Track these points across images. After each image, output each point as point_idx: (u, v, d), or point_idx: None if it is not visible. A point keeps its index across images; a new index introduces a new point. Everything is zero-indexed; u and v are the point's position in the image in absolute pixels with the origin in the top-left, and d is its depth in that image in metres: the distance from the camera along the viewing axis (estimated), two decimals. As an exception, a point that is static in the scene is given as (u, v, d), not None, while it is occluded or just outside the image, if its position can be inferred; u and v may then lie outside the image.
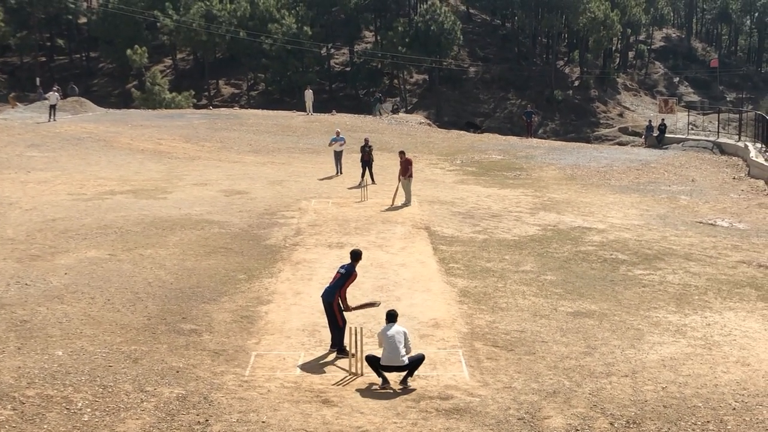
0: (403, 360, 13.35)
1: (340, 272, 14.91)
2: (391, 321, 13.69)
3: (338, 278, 14.81)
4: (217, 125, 48.84)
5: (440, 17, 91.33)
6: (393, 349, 13.34)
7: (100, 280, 18.33)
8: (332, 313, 14.66)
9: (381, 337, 13.55)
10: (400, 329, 13.60)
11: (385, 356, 13.39)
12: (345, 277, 14.80)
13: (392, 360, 13.36)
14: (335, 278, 14.90)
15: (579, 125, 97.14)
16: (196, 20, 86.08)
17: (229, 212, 25.71)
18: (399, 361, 13.35)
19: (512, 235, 23.81)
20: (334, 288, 14.75)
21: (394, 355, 13.33)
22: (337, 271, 15.05)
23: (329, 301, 14.69)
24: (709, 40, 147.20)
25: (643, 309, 17.34)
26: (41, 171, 32.67)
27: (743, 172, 37.26)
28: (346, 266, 15.02)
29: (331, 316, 14.70)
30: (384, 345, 13.44)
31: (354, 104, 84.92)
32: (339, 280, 14.77)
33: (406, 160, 28.35)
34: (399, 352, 13.33)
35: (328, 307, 14.72)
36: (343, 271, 14.87)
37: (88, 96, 67.96)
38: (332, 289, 14.75)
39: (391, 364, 13.39)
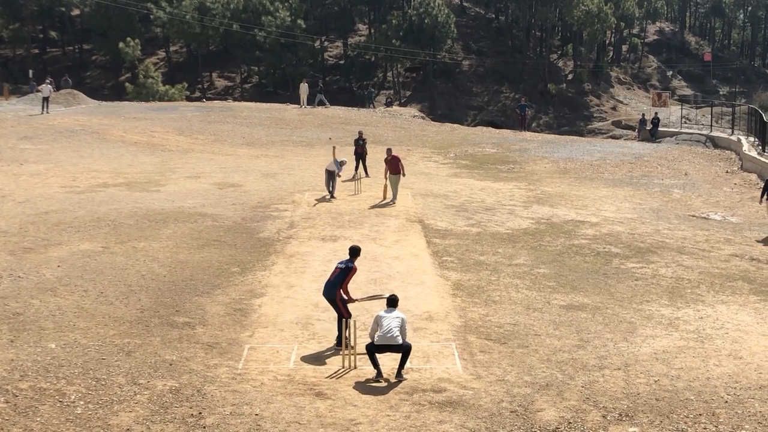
0: (397, 339, 13.35)
1: (339, 267, 14.87)
2: (392, 306, 13.72)
3: (338, 274, 14.78)
4: (211, 118, 48.75)
5: (434, 10, 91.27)
6: (388, 330, 13.36)
7: (93, 272, 18.31)
8: (337, 308, 14.70)
9: (378, 319, 13.53)
10: (399, 315, 13.63)
11: (380, 336, 13.40)
12: (344, 272, 14.76)
13: (387, 339, 13.35)
14: (334, 274, 14.86)
15: (572, 119, 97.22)
16: (190, 12, 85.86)
17: (222, 205, 25.69)
18: (393, 340, 13.34)
19: (505, 229, 23.84)
20: (334, 284, 14.72)
21: (389, 335, 13.35)
22: (336, 267, 15.02)
23: (331, 297, 14.72)
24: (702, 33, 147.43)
25: (636, 302, 17.38)
26: (34, 163, 32.60)
27: (736, 166, 37.31)
28: (345, 262, 14.98)
29: (337, 310, 14.76)
30: (380, 325, 13.43)
31: (348, 97, 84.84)
32: (338, 276, 14.73)
33: (394, 157, 27.40)
34: (393, 333, 13.35)
35: (331, 303, 14.79)
36: (343, 266, 14.84)
37: (81, 88, 67.79)
38: (332, 286, 14.73)
39: (385, 344, 13.39)
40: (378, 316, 13.61)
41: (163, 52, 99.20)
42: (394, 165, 27.13)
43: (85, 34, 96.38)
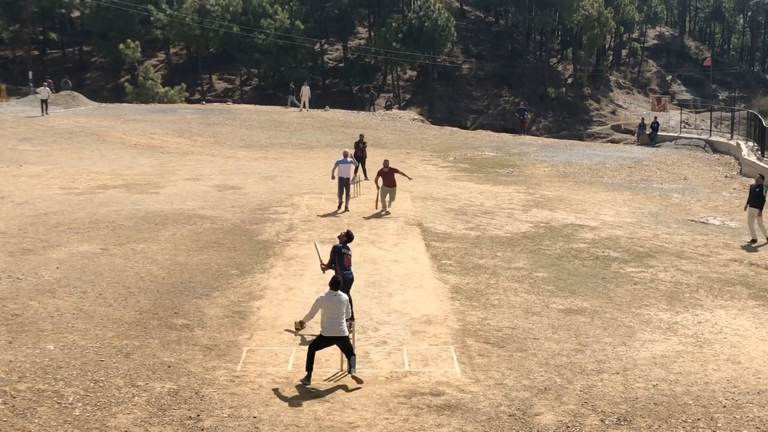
0: (343, 330, 13.36)
1: (350, 253, 16.38)
2: (335, 288, 13.65)
3: (351, 257, 16.36)
4: (210, 120, 48.77)
5: (434, 14, 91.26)
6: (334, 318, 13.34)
7: (92, 274, 18.31)
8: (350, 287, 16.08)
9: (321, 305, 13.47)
10: (343, 297, 13.63)
11: (328, 327, 13.36)
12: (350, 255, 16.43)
13: (333, 330, 13.32)
14: (349, 259, 16.26)
15: (572, 123, 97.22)
16: (190, 15, 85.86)
17: (221, 207, 25.69)
18: (339, 332, 13.34)
19: (505, 232, 23.84)
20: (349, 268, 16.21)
21: (336, 326, 13.33)
22: (346, 254, 16.23)
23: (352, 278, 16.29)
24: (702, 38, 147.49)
25: (635, 306, 17.38)
26: (33, 165, 32.59)
27: (735, 171, 37.35)
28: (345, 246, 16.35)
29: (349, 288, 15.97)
30: (325, 314, 13.38)
31: (347, 100, 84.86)
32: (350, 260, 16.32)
33: (391, 169, 26.09)
34: (340, 322, 13.34)
35: (350, 284, 16.07)
36: (349, 252, 16.37)
37: (81, 90, 67.78)
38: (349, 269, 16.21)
39: (332, 335, 13.33)
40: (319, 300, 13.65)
41: (163, 54, 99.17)
42: (390, 177, 26.00)
43: (85, 35, 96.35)
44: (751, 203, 23.75)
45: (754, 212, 23.68)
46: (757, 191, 23.77)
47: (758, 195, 23.67)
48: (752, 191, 23.99)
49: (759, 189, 23.77)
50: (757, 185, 23.96)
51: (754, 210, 23.66)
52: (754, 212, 23.67)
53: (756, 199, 23.65)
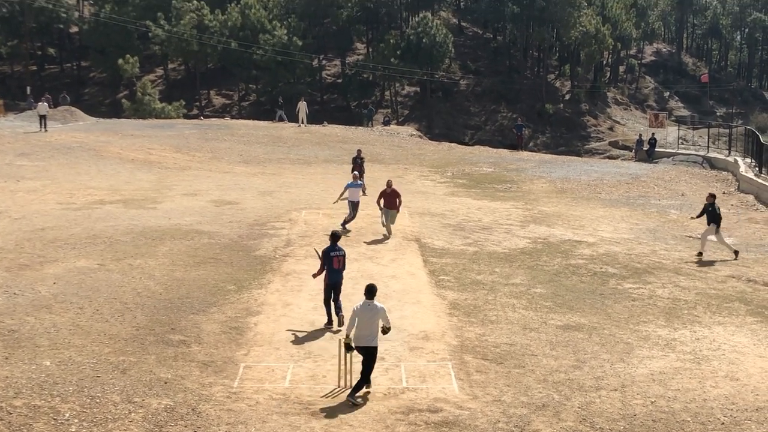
0: (374, 341, 13.46)
1: (341, 255, 16.90)
2: (369, 297, 13.72)
3: (343, 259, 16.93)
4: (208, 135, 48.80)
5: (432, 30, 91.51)
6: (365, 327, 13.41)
7: (89, 290, 18.27)
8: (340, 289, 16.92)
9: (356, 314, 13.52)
10: (378, 307, 13.68)
11: (357, 334, 13.43)
12: (345, 256, 17.08)
13: (363, 339, 13.41)
14: (340, 261, 16.84)
15: (569, 139, 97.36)
16: (188, 30, 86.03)
17: (219, 223, 25.67)
18: (372, 341, 13.45)
19: (502, 248, 23.82)
20: (341, 270, 16.92)
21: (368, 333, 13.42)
22: (336, 256, 16.80)
23: (341, 280, 16.91)
24: (699, 55, 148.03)
25: (633, 323, 17.35)
26: (31, 180, 32.58)
27: (733, 187, 37.38)
28: (336, 248, 16.91)
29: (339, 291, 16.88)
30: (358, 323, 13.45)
31: (345, 116, 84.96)
32: (344, 261, 16.99)
33: (394, 191, 25.00)
34: (371, 332, 13.40)
35: (338, 286, 16.84)
36: (341, 254, 16.93)
37: (79, 105, 67.83)
38: (341, 271, 16.92)
39: (361, 345, 13.41)
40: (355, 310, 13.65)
41: (161, 69, 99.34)
42: (392, 199, 24.83)
43: (84, 51, 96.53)
44: (709, 221, 23.88)
45: (711, 229, 23.77)
46: (710, 210, 23.87)
47: (713, 213, 23.78)
48: (705, 210, 24.09)
49: (711, 207, 23.88)
50: (709, 204, 24.04)
51: (712, 227, 23.76)
52: (712, 229, 23.76)
53: (712, 217, 23.76)
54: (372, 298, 13.66)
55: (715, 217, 23.82)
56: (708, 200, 24.33)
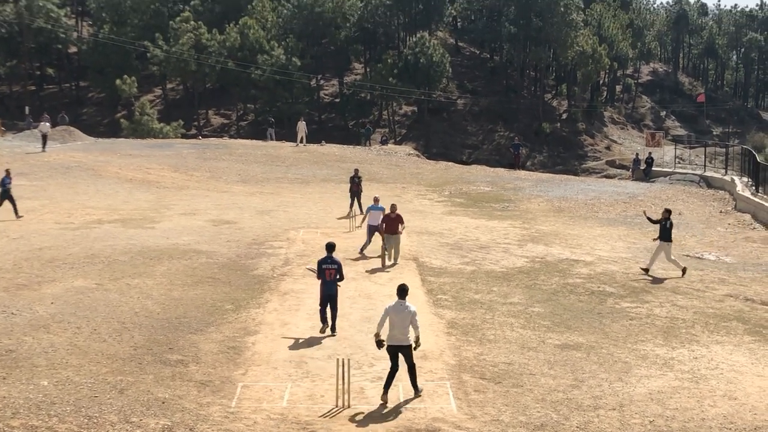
0: (409, 339, 13.79)
1: (333, 267, 17.21)
2: (401, 296, 14.06)
3: (334, 272, 17.20)
4: (206, 155, 48.87)
5: (429, 50, 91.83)
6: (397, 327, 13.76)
7: (87, 309, 18.25)
8: (336, 299, 17.24)
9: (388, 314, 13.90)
10: (410, 307, 13.99)
11: (390, 334, 13.76)
12: (339, 267, 17.33)
13: (395, 338, 13.73)
14: (330, 273, 17.16)
15: (566, 158, 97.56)
16: (186, 51, 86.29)
17: (216, 242, 25.68)
18: (405, 340, 13.76)
19: (500, 267, 23.83)
20: (335, 281, 17.23)
21: (400, 333, 13.73)
22: (327, 268, 17.18)
23: (335, 293, 17.23)
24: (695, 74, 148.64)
25: (631, 342, 17.35)
26: (29, 200, 32.58)
27: (730, 206, 37.42)
28: (331, 258, 17.29)
29: (335, 303, 17.22)
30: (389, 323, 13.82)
31: (343, 135, 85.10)
32: (338, 272, 17.26)
33: (398, 216, 24.10)
34: (404, 332, 13.73)
35: (333, 298, 17.19)
36: (335, 266, 17.23)
37: (77, 125, 67.85)
38: (334, 283, 17.21)
39: (394, 344, 13.73)
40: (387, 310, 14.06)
41: (160, 89, 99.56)
42: (393, 224, 23.87)
43: (82, 71, 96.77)
44: (662, 237, 23.85)
45: (664, 246, 23.75)
46: (664, 225, 23.86)
47: (666, 229, 23.78)
48: (661, 226, 24.04)
49: (665, 223, 23.87)
50: (664, 219, 24.03)
51: (665, 244, 23.74)
52: (665, 246, 23.74)
53: (665, 233, 23.74)
54: (404, 298, 14.03)
55: (669, 233, 23.80)
56: (663, 215, 24.31)
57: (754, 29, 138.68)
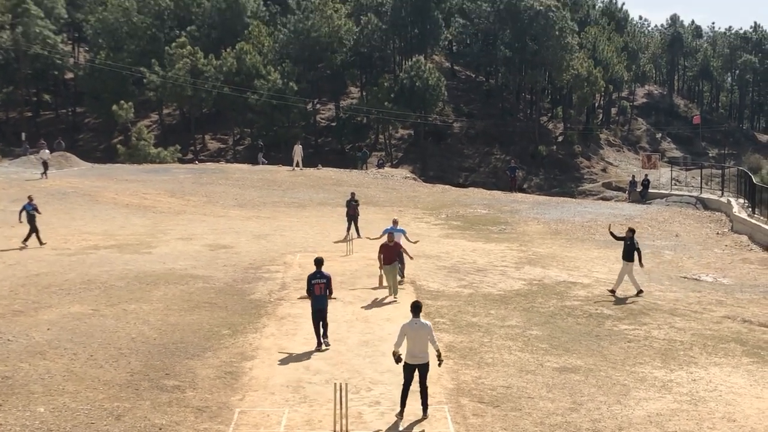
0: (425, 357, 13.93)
1: (322, 282, 17.87)
2: (415, 314, 14.14)
3: (324, 286, 17.86)
4: (203, 180, 48.89)
5: (425, 74, 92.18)
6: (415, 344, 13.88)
7: (83, 335, 18.19)
8: (326, 313, 17.89)
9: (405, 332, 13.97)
10: (426, 324, 14.10)
11: (410, 353, 13.89)
12: (329, 282, 18.00)
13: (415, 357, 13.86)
14: (320, 287, 17.81)
15: (563, 180, 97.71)
16: (182, 76, 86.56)
17: (213, 267, 25.64)
18: (425, 357, 13.93)
19: (498, 290, 23.81)
20: (324, 296, 17.85)
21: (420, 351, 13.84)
22: (317, 282, 17.84)
23: (324, 307, 17.84)
24: (690, 96, 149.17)
25: (629, 364, 17.31)
26: (26, 226, 32.48)
27: (727, 228, 37.46)
28: (320, 273, 17.94)
29: (325, 315, 17.87)
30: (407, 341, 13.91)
31: (340, 159, 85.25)
32: (327, 286, 17.92)
33: (397, 244, 23.03)
34: (422, 349, 13.85)
35: (322, 312, 17.80)
36: (324, 280, 17.90)
37: (74, 151, 67.97)
38: (324, 297, 17.84)
39: (415, 362, 13.86)
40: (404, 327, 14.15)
41: (156, 114, 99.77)
42: (392, 254, 22.53)
43: (79, 97, 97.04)
44: (624, 257, 23.81)
45: (626, 265, 23.73)
46: (628, 244, 23.83)
47: (630, 248, 23.76)
48: (625, 245, 23.98)
49: (630, 242, 23.85)
50: (628, 239, 24.00)
51: (627, 263, 23.73)
52: (627, 265, 23.72)
53: (628, 252, 23.73)
54: (418, 315, 14.12)
55: (632, 253, 23.77)
56: (627, 234, 24.29)
57: (749, 51, 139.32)
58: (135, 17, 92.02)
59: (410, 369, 13.91)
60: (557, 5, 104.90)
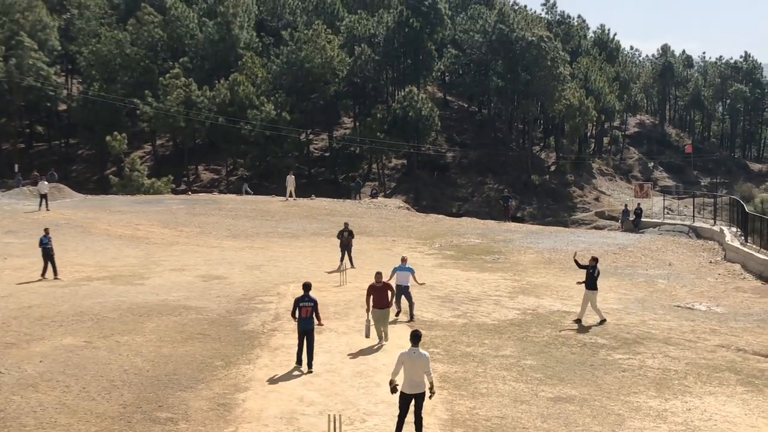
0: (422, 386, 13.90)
1: (309, 305, 18.48)
2: (414, 343, 14.09)
3: (311, 309, 18.49)
4: (196, 210, 48.87)
5: (418, 104, 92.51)
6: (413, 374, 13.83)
7: (76, 367, 18.10)
8: (312, 335, 18.49)
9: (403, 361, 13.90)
10: (423, 354, 14.01)
11: (407, 383, 13.83)
12: (316, 305, 18.59)
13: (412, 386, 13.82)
14: (307, 311, 18.44)
15: (556, 209, 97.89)
16: (176, 106, 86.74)
17: (206, 298, 25.57)
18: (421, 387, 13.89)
19: (492, 319, 23.77)
20: (311, 318, 18.45)
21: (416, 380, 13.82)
22: (304, 305, 18.46)
23: (310, 329, 18.43)
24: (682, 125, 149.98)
25: (624, 394, 17.27)
26: (18, 257, 32.47)
27: (719, 256, 37.50)
28: (308, 297, 18.54)
29: (311, 337, 18.45)
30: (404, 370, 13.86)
31: (333, 189, 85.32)
32: (314, 309, 18.52)
33: (385, 284, 20.83)
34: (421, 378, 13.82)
35: (309, 333, 18.39)
36: (312, 304, 18.49)
37: (67, 182, 67.96)
38: (310, 319, 18.45)
39: (411, 392, 13.81)
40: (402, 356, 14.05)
41: (149, 145, 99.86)
42: (382, 296, 20.50)
43: (71, 128, 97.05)
44: (588, 285, 23.81)
45: (589, 294, 23.74)
46: (591, 273, 23.85)
47: (592, 276, 23.79)
48: (587, 273, 23.99)
49: (592, 271, 23.86)
50: (591, 267, 24.02)
51: (590, 292, 23.74)
52: (590, 294, 23.73)
53: (592, 281, 23.75)
54: (417, 345, 14.06)
55: (595, 281, 23.78)
56: (590, 262, 24.31)
57: (739, 80, 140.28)
58: (128, 49, 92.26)
59: (406, 399, 13.84)
60: (549, 36, 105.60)
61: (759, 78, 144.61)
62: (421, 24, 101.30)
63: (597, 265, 24.13)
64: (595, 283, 23.76)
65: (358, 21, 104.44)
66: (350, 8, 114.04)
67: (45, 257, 28.99)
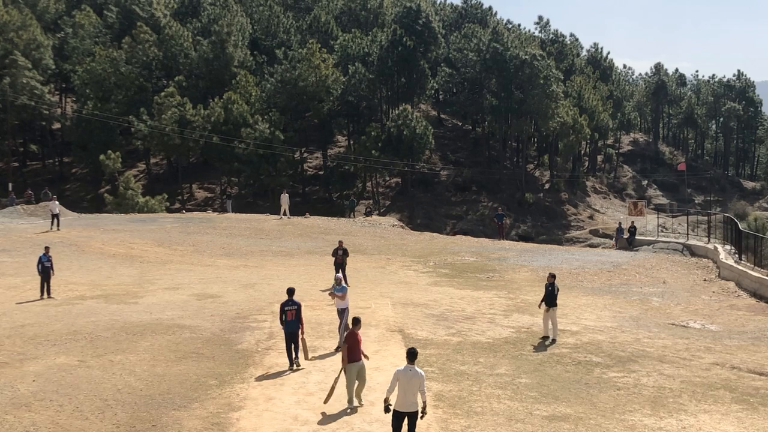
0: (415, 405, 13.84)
1: (293, 308, 19.63)
2: (410, 360, 14.05)
3: (296, 312, 19.64)
4: (190, 229, 48.82)
5: (412, 122, 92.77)
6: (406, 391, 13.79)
7: (69, 387, 18.03)
8: (297, 336, 19.70)
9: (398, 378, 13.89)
10: (418, 372, 13.96)
11: (401, 401, 13.77)
12: (299, 309, 19.75)
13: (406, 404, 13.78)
14: (292, 314, 19.57)
15: (550, 227, 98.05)
16: (170, 125, 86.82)
17: (200, 316, 25.51)
18: (414, 405, 13.82)
19: (486, 338, 23.74)
20: (296, 321, 19.60)
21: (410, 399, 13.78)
22: (288, 309, 19.57)
23: (296, 330, 19.62)
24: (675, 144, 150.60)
25: (619, 412, 17.23)
26: (11, 276, 32.39)
27: (714, 274, 37.54)
28: (292, 301, 19.66)
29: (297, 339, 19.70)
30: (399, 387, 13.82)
31: (327, 207, 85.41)
32: (298, 314, 19.67)
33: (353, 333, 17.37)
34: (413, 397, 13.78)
35: (293, 335, 19.63)
36: (296, 307, 19.64)
37: (61, 201, 67.63)
38: (296, 322, 19.60)
39: (404, 410, 13.76)
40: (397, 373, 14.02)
41: (144, 164, 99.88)
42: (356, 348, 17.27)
43: (66, 147, 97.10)
44: (547, 302, 23.84)
45: (551, 311, 23.76)
46: (549, 290, 23.88)
47: (551, 294, 23.83)
48: (546, 291, 24.02)
49: (551, 288, 23.89)
50: (549, 284, 24.05)
51: (552, 309, 23.76)
52: (551, 311, 23.75)
53: (551, 298, 23.79)
54: (413, 362, 14.02)
55: (554, 298, 23.81)
56: (549, 280, 24.33)
57: (732, 99, 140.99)
58: (123, 67, 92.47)
59: (400, 417, 13.78)
60: (542, 54, 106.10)
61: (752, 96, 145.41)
62: (414, 43, 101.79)
63: (555, 282, 24.19)
64: (554, 300, 23.77)
65: (352, 40, 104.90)
66: (344, 27, 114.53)
67: (42, 276, 28.91)
